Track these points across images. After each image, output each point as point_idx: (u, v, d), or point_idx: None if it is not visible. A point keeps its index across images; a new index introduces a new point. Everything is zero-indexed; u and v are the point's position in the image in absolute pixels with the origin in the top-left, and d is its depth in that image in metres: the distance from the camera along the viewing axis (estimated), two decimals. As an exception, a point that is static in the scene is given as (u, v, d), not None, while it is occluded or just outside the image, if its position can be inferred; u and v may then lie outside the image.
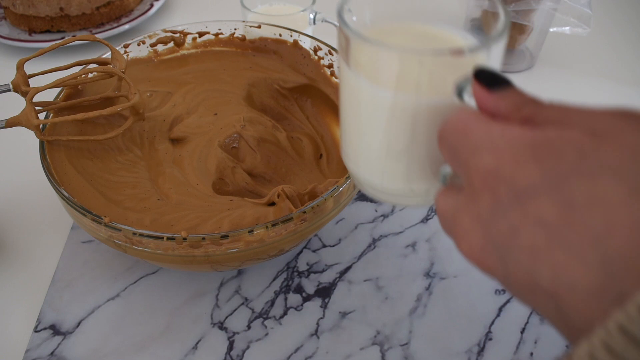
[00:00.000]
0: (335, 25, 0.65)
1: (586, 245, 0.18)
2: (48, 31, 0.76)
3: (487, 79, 0.23)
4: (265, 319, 0.43)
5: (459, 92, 0.25)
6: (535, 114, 0.21)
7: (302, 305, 0.44)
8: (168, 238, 0.36)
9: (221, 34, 0.57)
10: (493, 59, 0.27)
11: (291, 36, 0.55)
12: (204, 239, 0.36)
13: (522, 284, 0.20)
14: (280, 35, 0.56)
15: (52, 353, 0.41)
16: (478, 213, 0.22)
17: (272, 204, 0.41)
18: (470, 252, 0.23)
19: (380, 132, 0.29)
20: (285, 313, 0.44)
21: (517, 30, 0.69)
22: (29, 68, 0.46)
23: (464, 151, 0.23)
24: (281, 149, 0.49)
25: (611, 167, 0.18)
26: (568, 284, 0.18)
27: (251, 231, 0.36)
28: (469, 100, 0.25)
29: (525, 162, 0.20)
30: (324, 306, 0.44)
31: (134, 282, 0.46)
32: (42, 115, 0.45)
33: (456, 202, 0.24)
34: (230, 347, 0.42)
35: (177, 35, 0.56)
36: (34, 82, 0.47)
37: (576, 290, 0.18)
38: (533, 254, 0.20)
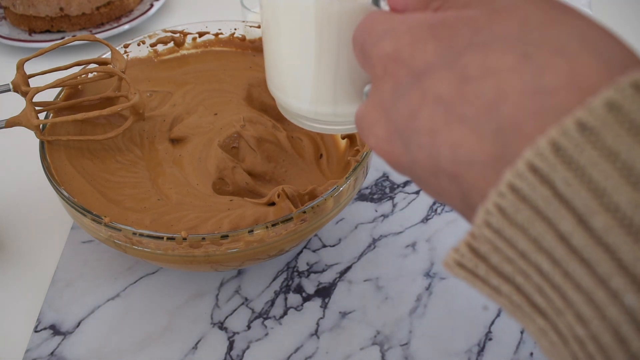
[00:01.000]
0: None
1: (480, 116, 0.18)
2: (48, 31, 0.76)
3: None
4: (265, 319, 0.44)
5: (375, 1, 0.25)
6: (442, 4, 0.21)
7: (302, 305, 0.44)
8: (168, 238, 0.36)
9: (221, 34, 0.57)
10: None
11: (291, 36, 0.55)
12: (204, 239, 0.36)
13: (426, 169, 0.20)
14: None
15: (52, 353, 0.41)
16: (380, 101, 0.22)
17: (272, 204, 0.41)
18: (377, 144, 0.22)
19: (303, 49, 0.27)
20: (285, 313, 0.44)
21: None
22: (29, 68, 0.46)
23: (369, 44, 0.22)
24: (281, 149, 0.48)
25: (502, 36, 0.18)
26: (466, 161, 0.18)
27: (251, 231, 0.36)
28: (385, 6, 0.24)
29: (423, 42, 0.20)
30: (324, 306, 0.44)
31: (134, 282, 0.46)
32: (42, 115, 0.45)
33: (365, 104, 0.23)
34: (230, 347, 0.42)
35: (177, 35, 0.56)
36: (34, 82, 0.47)
37: (474, 166, 0.18)
38: (433, 134, 0.19)
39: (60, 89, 0.47)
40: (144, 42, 0.54)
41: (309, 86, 0.29)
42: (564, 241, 0.16)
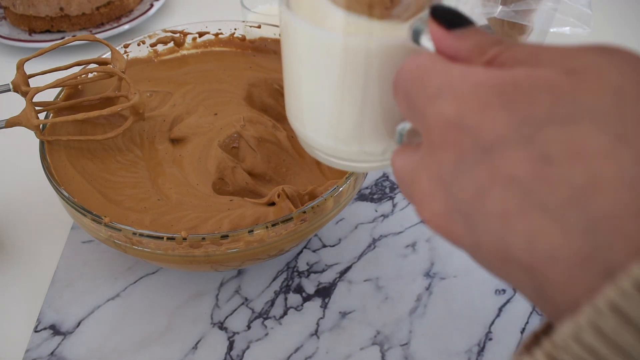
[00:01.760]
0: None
1: (566, 207, 0.15)
2: (48, 31, 0.76)
3: (445, 17, 0.20)
4: (265, 319, 0.43)
5: (416, 36, 0.22)
6: (500, 55, 0.19)
7: (302, 305, 0.44)
8: (168, 238, 0.36)
9: (221, 34, 0.57)
10: None
11: (291, 36, 0.55)
12: (204, 239, 0.36)
13: (493, 254, 0.17)
14: (280, 35, 0.56)
15: (52, 353, 0.41)
16: (438, 172, 0.19)
17: (273, 204, 0.41)
18: (432, 218, 0.20)
19: (328, 84, 0.25)
20: (285, 313, 0.44)
21: (517, 30, 0.69)
22: (29, 68, 0.46)
23: (421, 98, 0.20)
24: (281, 149, 0.48)
25: (591, 111, 0.15)
26: (546, 254, 0.16)
27: (251, 231, 0.36)
28: (427, 44, 0.22)
29: (492, 109, 0.17)
30: (324, 306, 0.44)
31: (134, 282, 0.46)
32: (42, 115, 0.45)
33: (414, 161, 0.21)
34: (230, 347, 0.42)
35: (177, 35, 0.56)
36: (34, 82, 0.47)
37: (556, 262, 0.15)
38: (504, 219, 0.17)
39: (60, 89, 0.47)
40: (144, 42, 0.54)
41: (330, 122, 0.27)
42: None
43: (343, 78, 0.25)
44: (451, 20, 0.20)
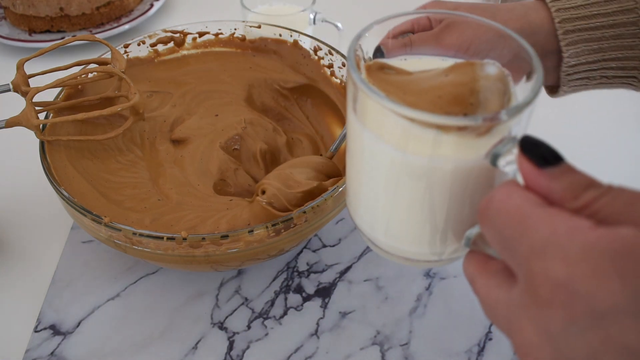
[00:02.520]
0: (335, 25, 0.65)
1: None
2: (48, 31, 0.76)
3: (536, 153, 0.20)
4: (265, 319, 0.44)
5: (494, 160, 0.22)
6: (595, 202, 0.19)
7: (302, 305, 0.44)
8: (168, 238, 0.36)
9: (221, 34, 0.57)
10: (525, 119, 0.23)
11: (291, 36, 0.55)
12: (204, 239, 0.36)
13: None
14: (280, 35, 0.56)
15: (52, 353, 0.41)
16: (546, 327, 0.19)
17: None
18: None
19: (391, 192, 0.26)
20: (285, 313, 0.44)
21: (517, 30, 0.68)
22: (29, 68, 0.46)
23: (523, 247, 0.20)
24: (281, 153, 0.49)
25: None
26: None
27: (251, 231, 0.36)
28: (506, 167, 0.22)
29: (605, 277, 0.17)
30: (324, 306, 0.44)
31: (134, 282, 0.46)
32: (42, 115, 0.45)
33: (510, 300, 0.21)
34: (230, 347, 0.42)
35: (177, 35, 0.56)
36: (34, 82, 0.47)
37: None
38: None
39: (60, 89, 0.47)
40: (144, 42, 0.55)
41: (393, 226, 0.28)
42: None
43: (406, 190, 0.25)
44: (543, 157, 0.20)
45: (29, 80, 0.45)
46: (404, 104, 0.23)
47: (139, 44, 0.54)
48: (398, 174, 0.25)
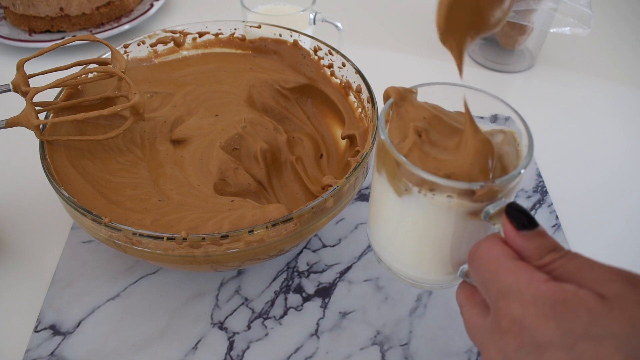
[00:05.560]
0: (335, 25, 0.65)
1: None
2: (48, 31, 0.76)
3: (517, 218, 0.27)
4: (265, 319, 0.44)
5: (485, 216, 0.29)
6: (554, 262, 0.26)
7: (302, 305, 0.44)
8: (168, 238, 0.36)
9: (221, 34, 0.57)
10: (514, 187, 0.30)
11: (291, 36, 0.55)
12: (204, 239, 0.36)
13: None
14: (280, 35, 0.56)
15: (52, 353, 0.41)
16: (504, 350, 0.26)
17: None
18: None
19: (405, 235, 0.33)
20: (285, 313, 0.44)
21: (517, 30, 0.69)
22: (29, 68, 0.46)
23: (494, 289, 0.27)
24: (282, 152, 0.49)
25: (614, 335, 0.22)
26: None
27: (251, 231, 0.36)
28: (495, 226, 0.29)
29: (546, 319, 0.24)
30: (324, 306, 0.44)
31: (134, 282, 0.46)
32: (42, 115, 0.45)
33: (483, 325, 0.29)
34: (230, 347, 0.42)
35: (177, 35, 0.56)
36: (34, 82, 0.47)
37: None
38: None
39: (60, 89, 0.47)
40: (144, 42, 0.54)
41: (406, 259, 0.35)
42: None
43: (419, 234, 0.33)
44: (522, 222, 0.27)
45: (29, 80, 0.45)
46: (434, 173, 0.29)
47: (139, 44, 0.54)
48: (416, 225, 0.32)
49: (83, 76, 0.47)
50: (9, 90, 0.45)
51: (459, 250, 0.32)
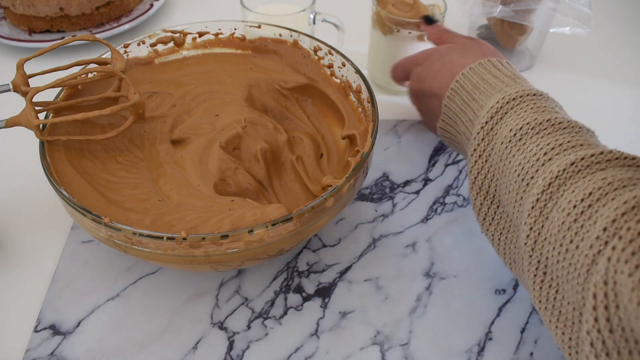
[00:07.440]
0: (335, 25, 0.65)
1: (447, 74, 0.47)
2: (48, 31, 0.76)
3: (427, 20, 0.57)
4: (265, 319, 0.44)
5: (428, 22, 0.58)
6: (444, 37, 0.54)
7: (302, 305, 0.44)
8: (168, 238, 0.36)
9: (221, 34, 0.57)
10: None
11: (291, 36, 0.55)
12: (203, 238, 0.36)
13: (425, 93, 0.50)
14: (280, 35, 0.56)
15: (52, 353, 0.41)
16: (419, 76, 0.52)
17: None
18: (411, 86, 0.54)
19: (385, 55, 0.64)
20: (285, 313, 0.44)
21: (517, 30, 0.68)
22: (29, 68, 0.46)
23: (422, 57, 0.53)
24: (282, 152, 0.49)
25: (456, 51, 0.49)
26: (441, 87, 0.48)
27: (251, 231, 0.36)
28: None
29: (452, 49, 0.50)
30: (324, 306, 0.44)
31: (134, 282, 0.46)
32: (42, 115, 0.45)
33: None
34: (230, 347, 0.42)
35: (177, 35, 0.56)
36: (34, 82, 0.47)
37: (442, 88, 0.48)
38: (434, 78, 0.49)
39: (60, 89, 0.47)
40: (144, 42, 0.54)
41: (385, 67, 0.63)
42: None
43: (395, 50, 0.63)
44: (429, 20, 0.57)
45: (29, 80, 0.45)
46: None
47: (139, 44, 0.54)
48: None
49: (83, 76, 0.47)
50: (9, 90, 0.45)
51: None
